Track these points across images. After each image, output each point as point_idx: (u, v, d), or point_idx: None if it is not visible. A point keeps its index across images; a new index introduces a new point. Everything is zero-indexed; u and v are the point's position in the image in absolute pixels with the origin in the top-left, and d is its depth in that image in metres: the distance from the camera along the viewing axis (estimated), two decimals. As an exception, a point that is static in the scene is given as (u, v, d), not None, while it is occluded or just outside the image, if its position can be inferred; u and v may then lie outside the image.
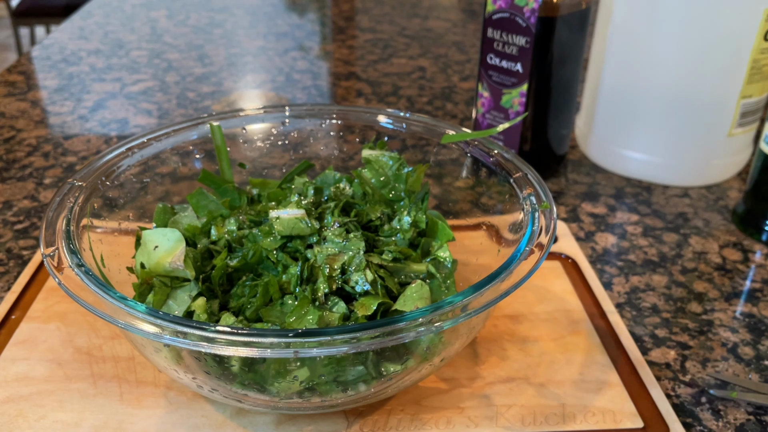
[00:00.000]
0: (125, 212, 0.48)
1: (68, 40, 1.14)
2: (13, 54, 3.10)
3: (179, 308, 0.41)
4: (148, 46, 1.11)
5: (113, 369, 0.45)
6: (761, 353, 0.49)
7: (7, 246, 0.59)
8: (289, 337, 0.32)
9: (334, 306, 0.40)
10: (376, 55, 1.10)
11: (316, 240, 0.44)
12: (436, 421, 0.42)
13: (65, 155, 0.76)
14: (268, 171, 0.56)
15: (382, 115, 0.55)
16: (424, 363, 0.39)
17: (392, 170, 0.49)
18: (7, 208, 0.65)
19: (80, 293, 0.35)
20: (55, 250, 0.38)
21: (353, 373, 0.38)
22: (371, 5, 1.38)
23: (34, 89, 0.94)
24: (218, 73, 1.00)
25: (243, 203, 0.50)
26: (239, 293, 0.42)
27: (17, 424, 0.41)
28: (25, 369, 0.45)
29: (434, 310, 0.34)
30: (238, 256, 0.44)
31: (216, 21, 1.25)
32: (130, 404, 0.43)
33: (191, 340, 0.32)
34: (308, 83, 0.98)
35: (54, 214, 0.41)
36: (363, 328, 0.33)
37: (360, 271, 0.41)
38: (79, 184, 0.44)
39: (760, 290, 0.56)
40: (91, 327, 0.49)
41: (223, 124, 0.53)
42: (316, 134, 0.56)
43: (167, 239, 0.41)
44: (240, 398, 0.39)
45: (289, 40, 1.16)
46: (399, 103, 0.92)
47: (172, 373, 0.39)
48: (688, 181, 0.71)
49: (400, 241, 0.45)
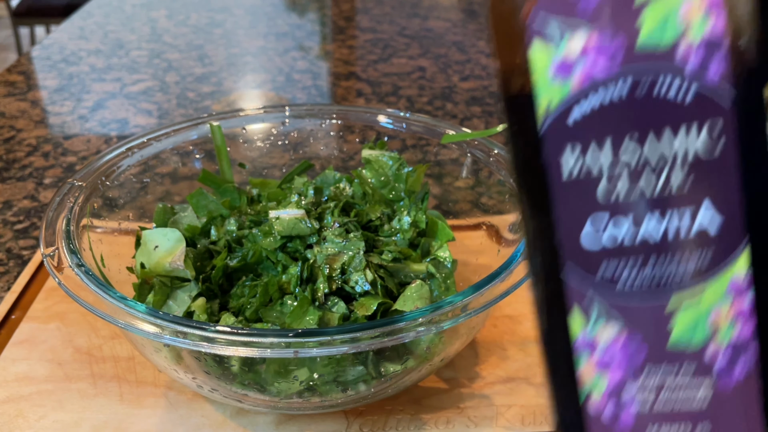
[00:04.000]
0: (125, 212, 0.48)
1: (68, 40, 1.14)
2: (13, 54, 3.10)
3: (179, 308, 0.41)
4: (148, 46, 1.11)
5: (113, 369, 0.45)
6: (761, 353, 0.49)
7: (7, 246, 0.59)
8: (289, 337, 0.32)
9: (334, 306, 0.40)
10: (376, 55, 1.10)
11: (316, 240, 0.44)
12: (436, 421, 0.42)
13: (65, 155, 0.76)
14: (268, 171, 0.56)
15: (382, 115, 0.55)
16: (424, 363, 0.39)
17: (392, 170, 0.49)
18: (7, 208, 0.65)
19: (80, 293, 0.35)
20: (55, 250, 0.38)
21: (353, 373, 0.38)
22: (371, 5, 1.38)
23: (34, 89, 0.94)
24: (218, 73, 1.00)
25: (243, 203, 0.50)
26: (239, 293, 0.42)
27: (17, 424, 0.41)
28: (25, 369, 0.45)
29: (434, 310, 0.34)
30: (237, 256, 0.44)
31: (216, 21, 1.25)
32: (130, 404, 0.43)
33: (191, 340, 0.32)
34: (308, 83, 0.98)
35: (54, 214, 0.41)
36: (363, 328, 0.33)
37: (360, 271, 0.41)
38: (79, 184, 0.44)
39: (760, 290, 0.56)
40: (91, 327, 0.49)
41: (223, 124, 0.53)
42: (316, 134, 0.56)
43: (167, 239, 0.41)
44: (240, 398, 0.39)
45: (289, 40, 1.16)
46: (399, 103, 0.92)
47: (172, 373, 0.39)
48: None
49: (400, 241, 0.45)
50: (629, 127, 0.20)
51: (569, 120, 0.20)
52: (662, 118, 0.20)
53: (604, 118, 0.20)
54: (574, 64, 0.20)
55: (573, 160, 0.21)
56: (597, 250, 0.21)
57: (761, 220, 0.21)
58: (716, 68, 0.20)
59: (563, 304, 0.22)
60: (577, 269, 0.22)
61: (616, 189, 0.21)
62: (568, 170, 0.21)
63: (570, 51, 0.20)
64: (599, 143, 0.20)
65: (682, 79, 0.20)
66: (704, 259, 0.21)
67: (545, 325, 0.23)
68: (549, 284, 0.22)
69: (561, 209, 0.21)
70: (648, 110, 0.20)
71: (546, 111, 0.20)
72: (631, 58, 0.20)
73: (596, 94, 0.20)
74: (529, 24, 0.20)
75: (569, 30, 0.20)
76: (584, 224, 0.21)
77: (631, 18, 0.19)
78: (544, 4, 0.20)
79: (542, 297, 0.23)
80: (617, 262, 0.21)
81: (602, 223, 0.21)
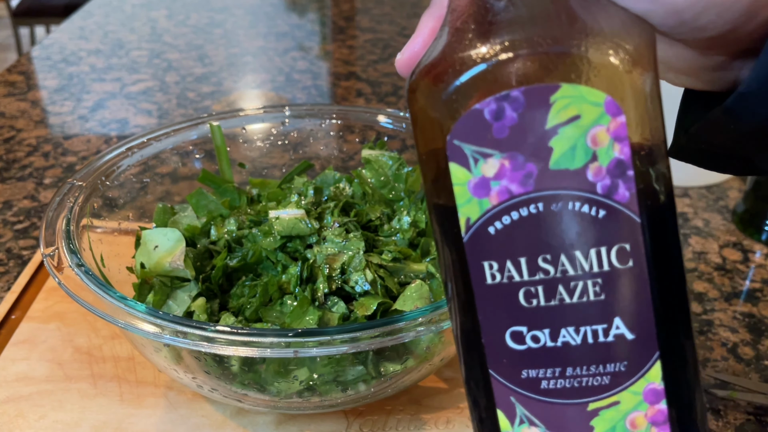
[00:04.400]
0: (125, 212, 0.48)
1: (68, 40, 1.14)
2: (13, 54, 3.10)
3: (179, 308, 0.41)
4: (148, 46, 1.11)
5: (113, 369, 0.45)
6: (761, 353, 0.49)
7: (7, 246, 0.59)
8: (289, 337, 0.32)
9: (333, 306, 0.40)
10: (376, 55, 1.10)
11: (315, 240, 0.44)
12: (436, 421, 0.42)
13: (65, 155, 0.76)
14: (268, 171, 0.56)
15: (382, 115, 0.55)
16: (423, 363, 0.39)
17: (392, 170, 0.49)
18: (7, 208, 0.65)
19: (80, 293, 0.35)
20: (55, 250, 0.38)
21: (353, 373, 0.38)
22: (371, 5, 1.38)
23: (34, 89, 0.94)
24: (218, 73, 1.00)
25: (243, 203, 0.50)
26: (239, 293, 0.42)
27: (17, 424, 0.41)
28: (25, 369, 0.45)
29: (434, 310, 0.34)
30: (237, 256, 0.44)
31: (216, 21, 1.25)
32: (130, 404, 0.43)
33: (191, 339, 0.32)
34: (308, 83, 0.98)
35: (54, 214, 0.41)
36: (363, 328, 0.33)
37: (360, 271, 0.41)
38: (79, 184, 0.44)
39: (760, 290, 0.56)
40: (91, 327, 0.49)
41: (223, 124, 0.53)
42: (316, 134, 0.56)
43: (167, 239, 0.41)
44: (240, 398, 0.39)
45: (289, 40, 1.16)
46: (399, 103, 0.92)
47: (172, 373, 0.39)
48: (687, 181, 0.71)
49: (400, 240, 0.45)
50: (545, 241, 0.21)
51: (489, 232, 0.21)
52: (576, 234, 0.21)
53: (521, 233, 0.21)
54: (490, 184, 0.21)
55: (493, 269, 0.22)
56: (518, 355, 0.22)
57: (671, 332, 0.22)
58: (625, 188, 0.20)
59: (491, 404, 0.23)
60: (499, 374, 0.23)
61: (536, 297, 0.21)
62: (489, 275, 0.22)
63: (485, 173, 0.21)
64: (517, 256, 0.21)
65: (594, 197, 0.20)
66: (619, 366, 0.22)
67: (475, 417, 0.25)
68: (478, 387, 0.24)
69: (484, 311, 0.22)
70: (563, 226, 0.21)
71: (466, 223, 0.21)
72: (544, 179, 0.20)
73: (513, 211, 0.21)
74: (446, 151, 0.21)
75: (483, 156, 0.21)
76: (506, 327, 0.22)
77: (542, 145, 0.20)
78: (458, 133, 0.20)
79: (472, 398, 0.24)
80: (538, 366, 0.22)
81: (523, 327, 0.22)
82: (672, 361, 0.22)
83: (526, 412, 0.23)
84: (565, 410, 0.23)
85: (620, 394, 0.22)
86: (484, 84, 0.20)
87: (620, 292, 0.21)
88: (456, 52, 0.21)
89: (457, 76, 0.20)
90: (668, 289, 0.21)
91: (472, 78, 0.20)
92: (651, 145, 0.21)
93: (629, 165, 0.20)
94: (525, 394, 0.23)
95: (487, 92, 0.20)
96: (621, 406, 0.22)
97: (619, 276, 0.21)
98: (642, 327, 0.21)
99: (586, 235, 0.21)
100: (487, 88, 0.20)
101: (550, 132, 0.20)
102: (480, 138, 0.20)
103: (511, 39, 0.20)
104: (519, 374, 0.22)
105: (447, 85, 0.20)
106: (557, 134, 0.20)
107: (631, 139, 0.20)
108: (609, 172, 0.20)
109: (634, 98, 0.20)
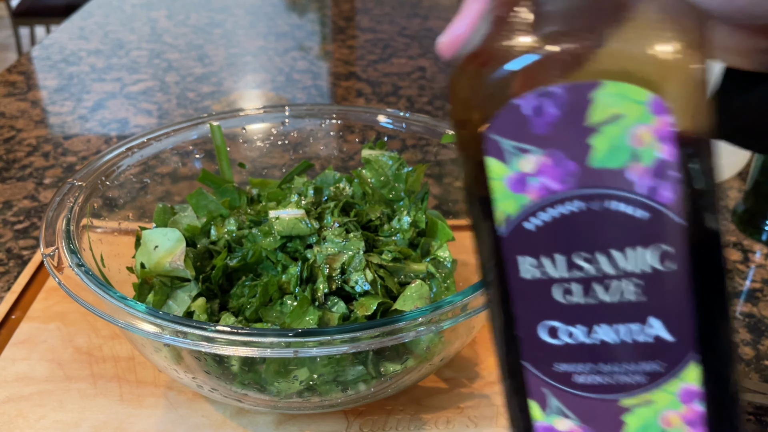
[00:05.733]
0: (125, 212, 0.48)
1: (68, 40, 1.14)
2: (13, 54, 3.10)
3: (179, 308, 0.41)
4: (148, 46, 1.11)
5: (113, 369, 0.45)
6: (761, 353, 0.49)
7: (7, 246, 0.59)
8: (289, 337, 0.32)
9: (333, 306, 0.40)
10: (376, 55, 1.10)
11: (315, 240, 0.44)
12: (436, 421, 0.42)
13: (65, 155, 0.76)
14: (268, 171, 0.56)
15: (382, 115, 0.55)
16: (423, 363, 0.39)
17: (392, 170, 0.49)
18: (7, 208, 0.65)
19: (80, 293, 0.35)
20: (55, 250, 0.38)
21: (353, 373, 0.38)
22: (371, 5, 1.38)
23: (34, 89, 0.94)
24: (218, 73, 1.00)
25: (243, 203, 0.50)
26: (239, 293, 0.42)
27: (17, 424, 0.41)
28: (25, 369, 0.45)
29: (434, 310, 0.34)
30: (237, 256, 0.44)
31: (216, 21, 1.25)
32: (130, 404, 0.43)
33: (191, 339, 0.32)
34: (308, 83, 0.98)
35: (54, 214, 0.41)
36: (363, 328, 0.33)
37: (360, 271, 0.41)
38: (79, 184, 0.44)
39: (760, 290, 0.56)
40: (91, 327, 0.49)
41: (223, 124, 0.53)
42: (316, 134, 0.56)
43: (167, 239, 0.41)
44: (240, 398, 0.39)
45: (289, 40, 1.16)
46: (399, 103, 0.92)
47: (172, 373, 0.39)
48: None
49: (400, 241, 0.45)
50: (584, 239, 0.21)
51: (527, 228, 0.21)
52: (616, 233, 0.20)
53: (559, 230, 0.21)
54: (529, 180, 0.20)
55: (529, 264, 0.21)
56: (552, 349, 0.22)
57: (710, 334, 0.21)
58: (669, 189, 0.20)
59: (524, 394, 0.23)
60: (532, 365, 0.23)
61: (572, 293, 0.21)
62: (525, 270, 0.21)
63: (523, 169, 0.20)
64: (554, 252, 0.21)
65: (635, 197, 0.20)
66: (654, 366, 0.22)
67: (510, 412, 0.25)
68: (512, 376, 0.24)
69: (519, 304, 0.22)
70: (602, 225, 0.20)
71: (505, 217, 0.21)
72: (584, 177, 0.20)
73: (551, 208, 0.20)
74: (483, 143, 0.20)
75: (521, 152, 0.20)
76: (540, 321, 0.22)
77: (582, 143, 0.20)
78: (496, 128, 0.20)
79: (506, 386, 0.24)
80: (571, 361, 0.22)
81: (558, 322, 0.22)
82: (710, 363, 0.22)
83: (558, 403, 0.23)
84: (597, 404, 0.22)
85: (654, 393, 0.22)
86: (524, 78, 0.19)
87: (659, 293, 0.21)
88: (497, 41, 0.20)
89: (496, 69, 0.20)
90: (709, 292, 0.21)
91: (512, 72, 0.19)
92: (697, 144, 0.20)
93: (673, 166, 0.19)
94: (558, 387, 0.23)
95: (527, 87, 0.19)
96: (655, 404, 0.22)
97: (658, 277, 0.20)
98: (680, 329, 0.21)
99: (625, 236, 0.20)
100: (527, 83, 0.19)
101: (592, 130, 0.19)
102: (518, 133, 0.20)
103: (555, 32, 0.19)
104: (552, 367, 0.22)
105: (485, 77, 0.20)
106: (599, 132, 0.19)
107: (676, 138, 0.19)
108: (652, 172, 0.20)
109: (681, 97, 0.19)
